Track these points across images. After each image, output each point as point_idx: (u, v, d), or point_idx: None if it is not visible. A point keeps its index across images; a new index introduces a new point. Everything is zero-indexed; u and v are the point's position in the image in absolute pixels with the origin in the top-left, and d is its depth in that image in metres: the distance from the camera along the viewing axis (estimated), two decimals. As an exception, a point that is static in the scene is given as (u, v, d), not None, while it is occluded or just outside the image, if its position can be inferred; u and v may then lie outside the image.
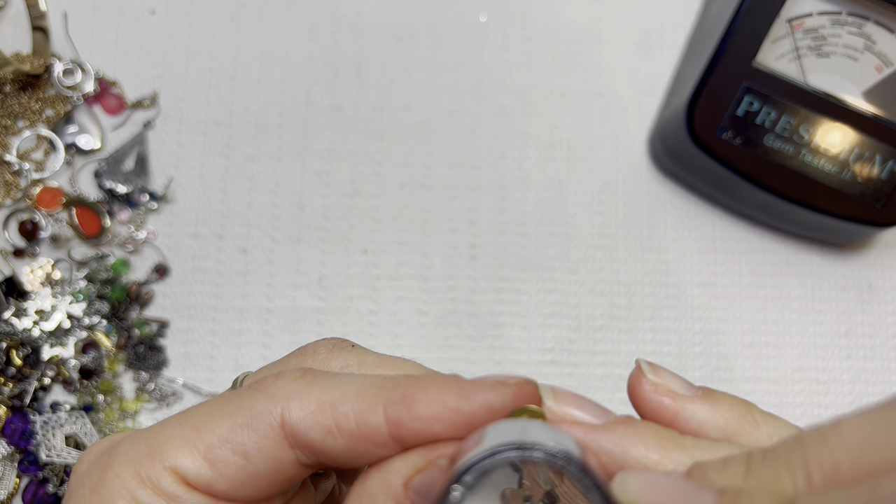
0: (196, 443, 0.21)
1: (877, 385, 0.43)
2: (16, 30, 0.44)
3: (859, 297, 0.44)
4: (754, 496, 0.16)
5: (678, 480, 0.18)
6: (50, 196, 0.42)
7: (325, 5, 0.45)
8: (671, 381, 0.22)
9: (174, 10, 0.45)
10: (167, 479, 0.21)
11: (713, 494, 0.17)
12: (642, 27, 0.46)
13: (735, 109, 0.40)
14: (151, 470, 0.21)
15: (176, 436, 0.21)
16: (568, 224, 0.44)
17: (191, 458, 0.21)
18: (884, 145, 0.39)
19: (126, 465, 0.21)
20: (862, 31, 0.40)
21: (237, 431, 0.21)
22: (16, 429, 0.39)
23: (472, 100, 0.45)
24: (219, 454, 0.21)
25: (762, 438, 0.21)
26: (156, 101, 0.44)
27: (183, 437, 0.21)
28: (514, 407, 0.20)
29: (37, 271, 0.41)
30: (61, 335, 0.41)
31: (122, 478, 0.21)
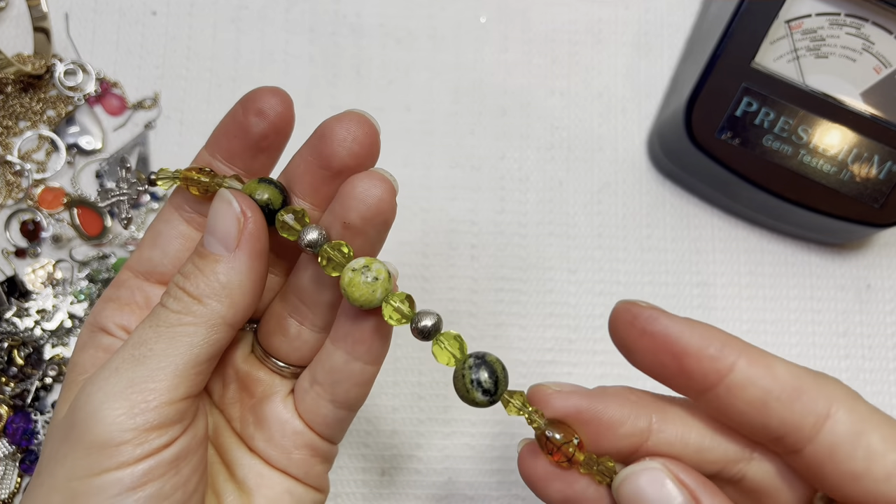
0: (140, 245, 0.28)
1: (875, 384, 0.43)
2: (17, 31, 0.44)
3: (857, 297, 0.44)
4: None
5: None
6: (51, 196, 0.42)
7: (325, 6, 0.45)
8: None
9: (175, 12, 0.45)
10: (124, 274, 0.28)
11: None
12: (641, 28, 0.46)
13: (734, 110, 0.40)
14: (117, 279, 0.28)
15: None
16: (567, 224, 0.44)
17: (135, 253, 0.28)
18: (882, 146, 0.39)
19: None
20: (860, 32, 0.40)
21: (156, 222, 0.28)
22: (18, 428, 0.39)
23: (472, 100, 0.45)
24: (147, 236, 0.28)
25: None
26: (157, 101, 0.44)
27: None
28: None
29: (38, 271, 0.41)
30: (63, 335, 0.41)
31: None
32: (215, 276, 0.25)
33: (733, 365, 0.23)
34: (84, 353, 0.27)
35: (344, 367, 0.28)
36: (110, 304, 0.27)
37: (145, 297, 0.27)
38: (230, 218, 0.25)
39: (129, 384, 0.23)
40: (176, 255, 0.27)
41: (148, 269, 0.27)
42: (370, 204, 0.25)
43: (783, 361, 0.24)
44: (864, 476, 0.22)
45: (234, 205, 0.25)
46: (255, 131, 0.27)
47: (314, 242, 0.25)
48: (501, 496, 0.41)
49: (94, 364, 0.26)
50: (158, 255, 0.27)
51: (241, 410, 0.29)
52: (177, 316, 0.24)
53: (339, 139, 0.26)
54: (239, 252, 0.25)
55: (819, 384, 0.23)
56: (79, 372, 0.26)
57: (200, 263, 0.25)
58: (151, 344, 0.24)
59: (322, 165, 0.26)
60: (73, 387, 0.26)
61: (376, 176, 0.26)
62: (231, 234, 0.25)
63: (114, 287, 0.28)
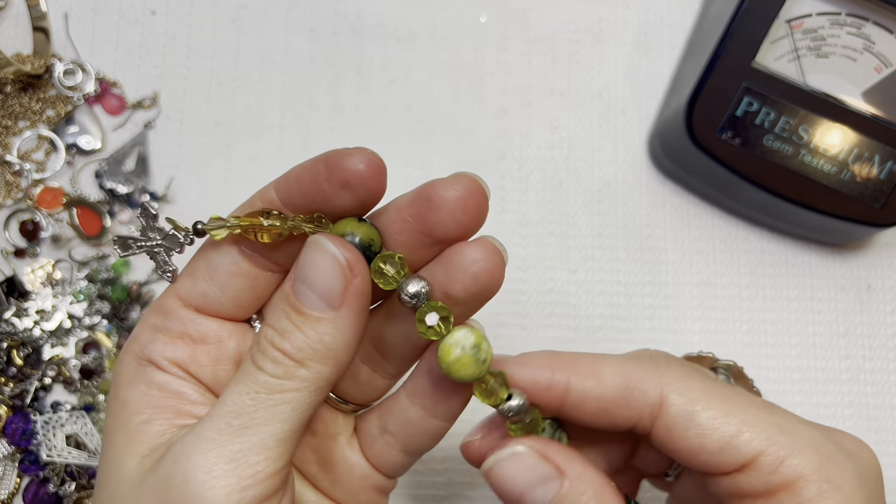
0: (185, 272, 0.26)
1: (875, 385, 0.43)
2: (17, 30, 0.44)
3: (858, 297, 0.44)
4: None
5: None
6: (51, 196, 0.42)
7: (325, 6, 0.45)
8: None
9: (175, 11, 0.45)
10: (170, 300, 0.25)
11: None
12: (642, 28, 0.46)
13: (734, 110, 0.40)
14: (161, 304, 0.25)
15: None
16: (567, 224, 0.44)
17: (182, 280, 0.25)
18: (883, 146, 0.39)
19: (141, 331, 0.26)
20: (861, 31, 0.40)
21: (204, 250, 0.25)
22: (17, 428, 0.39)
23: (472, 100, 0.45)
24: (196, 265, 0.25)
25: None
26: (156, 101, 0.44)
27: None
28: None
29: (38, 271, 0.41)
30: (62, 335, 0.41)
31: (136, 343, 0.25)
32: (319, 337, 0.22)
33: (567, 385, 0.25)
34: (134, 390, 0.24)
35: (420, 422, 0.27)
36: (159, 335, 0.25)
37: (199, 331, 0.25)
38: (333, 272, 0.22)
39: (232, 458, 0.22)
40: (236, 294, 0.25)
41: (202, 304, 0.25)
42: (479, 278, 0.24)
43: (611, 362, 0.25)
44: (700, 451, 0.24)
45: (339, 257, 0.22)
46: (337, 203, 0.23)
47: (416, 295, 0.23)
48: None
49: (148, 403, 0.24)
50: (215, 293, 0.25)
51: (300, 448, 0.28)
52: (278, 382, 0.22)
53: (448, 208, 0.23)
54: (344, 310, 0.22)
55: (648, 375, 0.25)
56: (132, 412, 0.24)
57: (298, 321, 0.22)
58: (251, 413, 0.22)
59: (424, 232, 0.24)
60: (127, 430, 0.24)
61: (488, 247, 0.24)
62: (335, 290, 0.22)
63: (160, 315, 0.25)
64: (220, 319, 0.26)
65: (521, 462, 0.24)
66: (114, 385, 0.25)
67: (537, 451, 0.24)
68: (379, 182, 0.23)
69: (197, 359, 0.25)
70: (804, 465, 0.23)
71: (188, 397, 0.25)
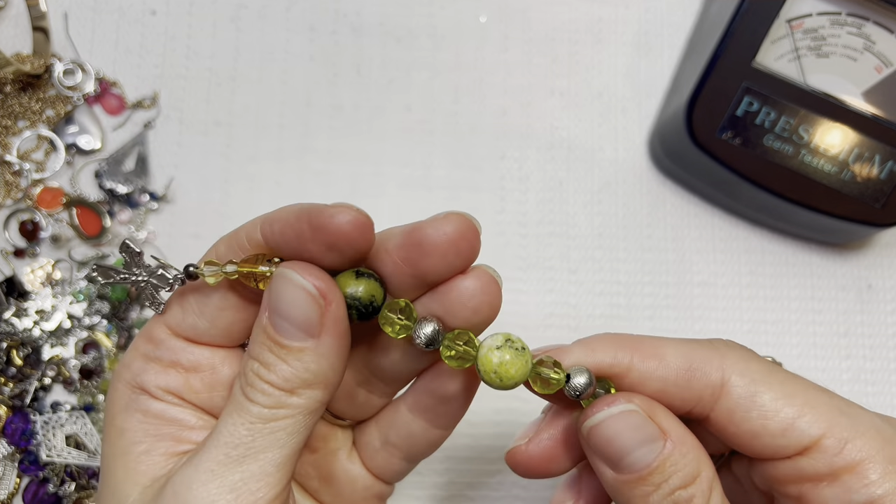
0: (174, 300, 0.25)
1: (876, 385, 0.43)
2: (16, 30, 0.44)
3: (858, 297, 0.44)
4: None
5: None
6: (50, 196, 0.42)
7: (325, 5, 0.45)
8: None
9: (174, 11, 0.45)
10: (160, 330, 0.25)
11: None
12: (642, 28, 0.46)
13: (734, 110, 0.40)
14: (150, 332, 0.25)
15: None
16: (568, 224, 0.44)
17: (172, 309, 0.25)
18: (883, 145, 0.39)
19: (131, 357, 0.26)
20: (861, 31, 0.40)
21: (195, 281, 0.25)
22: (16, 429, 0.39)
23: (472, 100, 0.45)
24: (186, 296, 0.25)
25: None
26: (156, 101, 0.44)
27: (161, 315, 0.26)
28: None
29: (37, 271, 0.41)
30: (62, 335, 0.41)
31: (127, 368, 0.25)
32: (304, 367, 0.22)
33: (629, 365, 0.25)
34: (129, 418, 0.25)
35: (423, 433, 0.28)
36: (151, 364, 0.25)
37: (191, 360, 0.25)
38: (307, 303, 0.22)
39: (233, 488, 0.22)
40: (227, 326, 0.25)
41: (192, 335, 0.25)
42: (479, 310, 0.24)
43: (673, 345, 0.25)
44: (761, 433, 0.24)
45: (310, 288, 0.22)
46: (325, 262, 0.23)
47: (433, 340, 0.23)
48: (501, 496, 0.41)
49: (146, 432, 0.24)
50: (205, 326, 0.25)
51: (302, 465, 0.28)
52: (271, 411, 0.22)
53: (440, 253, 0.23)
54: (325, 337, 0.22)
55: (710, 356, 0.25)
56: (130, 440, 0.24)
57: (281, 353, 0.22)
58: (249, 443, 0.22)
59: (416, 276, 0.24)
60: (127, 460, 0.24)
61: (485, 278, 0.24)
62: (312, 320, 0.22)
63: (150, 343, 0.25)
64: (212, 347, 0.26)
65: (630, 420, 0.24)
66: (109, 412, 0.25)
67: (645, 411, 0.24)
68: (367, 240, 0.23)
69: (191, 386, 0.25)
70: (868, 448, 0.23)
71: (186, 423, 0.25)
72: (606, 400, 0.24)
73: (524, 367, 0.23)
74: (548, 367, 0.24)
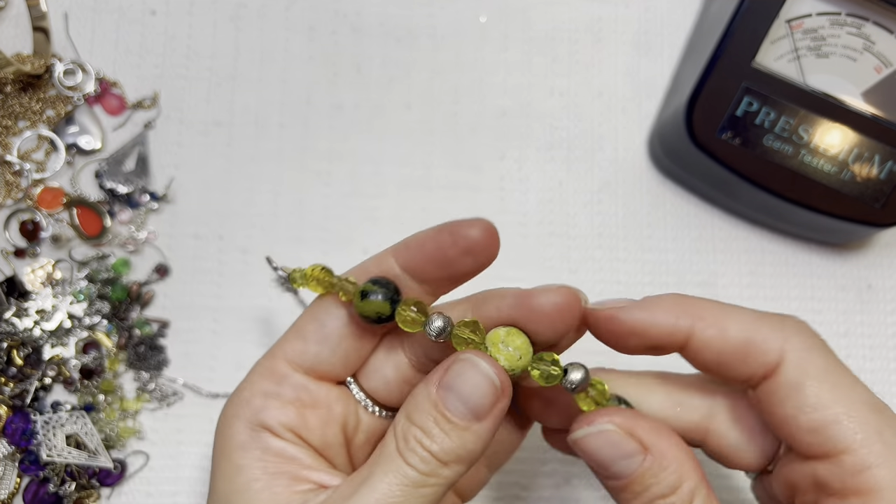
0: (292, 334, 0.28)
1: (876, 385, 0.43)
2: (16, 30, 0.44)
3: (858, 297, 0.44)
4: None
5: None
6: (51, 196, 0.42)
7: (325, 5, 0.45)
8: (611, 301, 0.28)
9: (174, 11, 0.45)
10: (281, 365, 0.27)
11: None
12: (642, 27, 0.46)
13: (734, 110, 0.40)
14: (272, 368, 0.27)
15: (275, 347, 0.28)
16: (568, 224, 0.44)
17: (291, 343, 0.27)
18: (883, 145, 0.39)
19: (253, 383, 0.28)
20: (861, 31, 0.40)
21: (313, 311, 0.28)
22: (17, 428, 0.39)
23: (472, 100, 0.45)
24: (306, 327, 0.27)
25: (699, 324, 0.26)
26: (156, 101, 0.44)
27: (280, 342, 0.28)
28: None
29: (38, 271, 0.41)
30: (62, 335, 0.41)
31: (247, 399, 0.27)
32: (462, 444, 0.25)
33: (690, 330, 0.26)
34: (248, 455, 0.26)
35: (507, 437, 0.31)
36: (272, 401, 0.27)
37: (312, 396, 0.27)
38: (487, 391, 0.25)
39: None
40: (345, 355, 0.27)
41: (313, 366, 0.27)
42: (556, 324, 0.26)
43: (738, 316, 0.26)
44: (791, 422, 0.25)
45: (495, 380, 0.25)
46: (460, 269, 0.27)
47: (442, 329, 0.26)
48: (501, 496, 0.41)
49: (265, 469, 0.26)
50: (327, 354, 0.27)
51: None
52: (423, 478, 0.24)
53: (548, 321, 0.26)
54: (487, 423, 0.25)
55: (773, 336, 0.25)
56: (250, 478, 0.26)
57: (446, 427, 0.25)
58: (399, 502, 0.24)
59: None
60: (247, 495, 0.25)
61: (570, 296, 0.26)
62: (484, 406, 0.25)
63: (272, 380, 0.27)
64: (329, 384, 0.28)
65: (608, 438, 0.25)
66: (223, 449, 0.27)
67: (624, 429, 0.25)
68: (495, 247, 0.26)
69: (307, 423, 0.27)
70: (888, 479, 0.23)
71: (303, 462, 0.26)
72: (587, 418, 0.26)
73: (525, 358, 0.25)
74: (546, 362, 0.25)
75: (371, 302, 0.26)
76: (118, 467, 0.40)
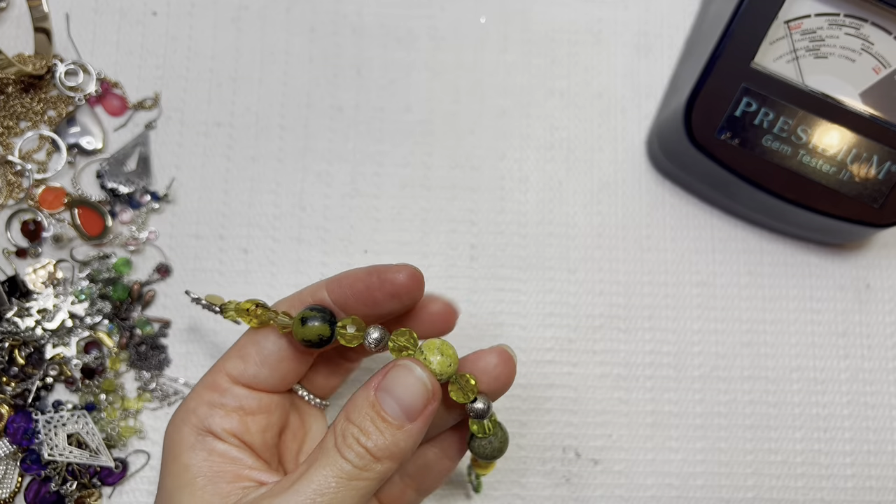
0: (233, 353, 0.31)
1: (874, 384, 0.43)
2: (18, 31, 0.44)
3: (857, 297, 0.44)
4: None
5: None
6: (52, 196, 0.42)
7: (325, 6, 0.45)
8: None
9: (175, 12, 0.45)
10: (223, 379, 0.30)
11: None
12: (641, 28, 0.46)
13: (733, 110, 0.40)
14: (214, 381, 0.31)
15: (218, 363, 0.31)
16: (567, 224, 0.44)
17: (233, 362, 0.31)
18: (881, 146, 0.40)
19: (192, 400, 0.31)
20: (859, 32, 0.41)
21: (254, 335, 0.31)
22: (18, 428, 0.39)
23: (471, 101, 0.45)
24: (247, 350, 0.31)
25: None
26: (157, 102, 0.44)
27: (225, 358, 0.31)
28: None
29: (39, 271, 0.41)
30: (64, 335, 0.41)
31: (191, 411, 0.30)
32: (395, 442, 0.27)
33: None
34: (195, 456, 0.29)
35: (436, 463, 0.33)
36: (216, 410, 0.30)
37: (251, 405, 0.31)
38: (419, 394, 0.28)
39: None
40: (284, 375, 0.31)
41: (252, 383, 0.31)
42: (498, 378, 0.31)
43: None
44: None
45: (427, 384, 0.28)
46: (385, 308, 0.30)
47: (380, 339, 0.29)
48: (501, 496, 0.41)
49: (210, 468, 0.29)
50: (266, 375, 0.31)
51: None
52: (357, 472, 0.27)
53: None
54: (418, 423, 0.28)
55: None
56: (195, 474, 0.29)
57: (381, 426, 0.27)
58: (334, 493, 0.27)
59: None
60: (193, 489, 0.28)
61: (504, 356, 0.31)
62: (416, 408, 0.28)
63: (215, 392, 0.30)
64: (268, 393, 0.31)
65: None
66: (171, 450, 0.30)
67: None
68: (419, 292, 0.30)
69: (248, 428, 0.30)
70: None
71: (245, 462, 0.30)
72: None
73: (453, 366, 0.29)
74: (465, 382, 0.29)
75: (311, 327, 0.29)
76: (119, 466, 0.40)
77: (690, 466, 0.42)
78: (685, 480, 0.42)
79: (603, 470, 0.41)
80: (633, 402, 0.42)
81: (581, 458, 0.42)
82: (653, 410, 0.42)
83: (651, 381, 0.42)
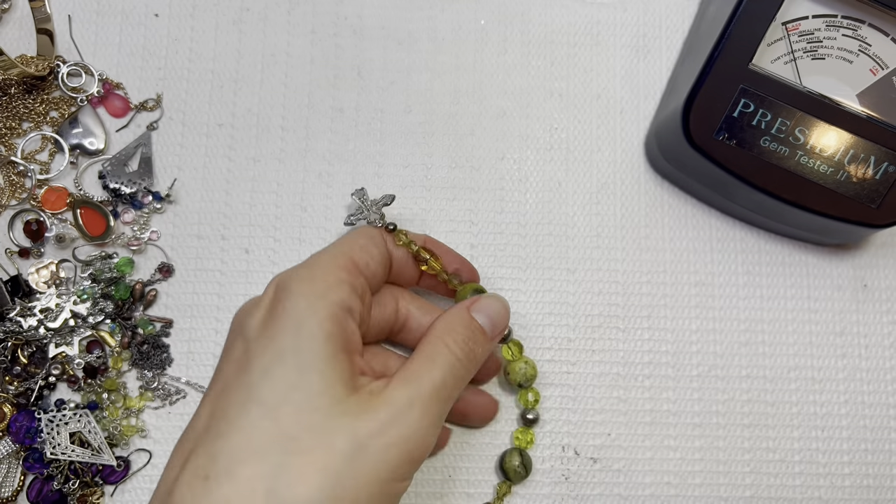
0: (354, 245, 0.35)
1: (871, 384, 0.43)
2: (21, 32, 0.45)
3: (854, 296, 0.44)
4: None
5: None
6: (55, 196, 0.43)
7: (326, 8, 0.46)
8: None
9: (177, 13, 0.45)
10: (351, 264, 0.34)
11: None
12: (639, 30, 0.46)
13: (731, 111, 0.40)
14: (348, 264, 0.34)
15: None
16: (566, 224, 0.44)
17: (360, 255, 0.35)
18: (878, 146, 0.40)
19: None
20: (857, 33, 0.41)
21: (380, 239, 0.36)
22: (21, 426, 0.40)
23: (471, 102, 0.45)
24: (370, 250, 0.35)
25: None
26: (159, 103, 0.44)
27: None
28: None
29: (42, 271, 0.42)
30: (66, 334, 0.41)
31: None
32: (483, 350, 0.35)
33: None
34: (336, 327, 0.31)
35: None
36: (354, 295, 0.33)
37: (368, 299, 0.35)
38: (504, 321, 0.36)
39: (438, 419, 0.33)
40: (383, 277, 0.37)
41: (371, 278, 0.35)
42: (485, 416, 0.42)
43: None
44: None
45: (508, 315, 0.37)
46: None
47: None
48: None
49: (346, 343, 0.32)
50: (382, 273, 0.36)
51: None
52: (465, 369, 0.33)
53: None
54: (493, 342, 0.36)
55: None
56: (336, 347, 0.31)
57: (481, 338, 0.35)
58: (451, 388, 0.33)
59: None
60: (335, 360, 0.31)
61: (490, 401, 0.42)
62: (499, 329, 0.36)
63: (350, 274, 0.33)
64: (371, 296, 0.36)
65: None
66: (293, 317, 0.31)
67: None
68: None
69: (364, 319, 0.34)
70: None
71: (358, 344, 0.33)
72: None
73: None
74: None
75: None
76: (121, 465, 0.40)
77: (688, 465, 0.42)
78: (683, 479, 0.42)
79: (601, 468, 0.42)
80: (632, 400, 0.42)
81: (580, 456, 0.42)
82: (651, 409, 0.42)
83: (649, 381, 0.43)
